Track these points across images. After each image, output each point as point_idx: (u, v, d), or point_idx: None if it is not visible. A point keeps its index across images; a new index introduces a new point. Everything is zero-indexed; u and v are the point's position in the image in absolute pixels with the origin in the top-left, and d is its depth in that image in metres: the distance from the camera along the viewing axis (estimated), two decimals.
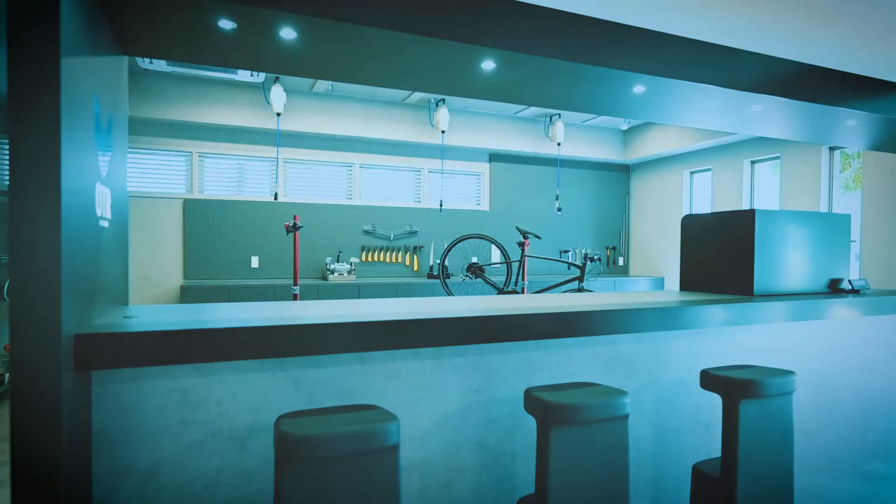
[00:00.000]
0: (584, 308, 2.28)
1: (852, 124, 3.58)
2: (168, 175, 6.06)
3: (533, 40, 2.45)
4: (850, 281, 3.13)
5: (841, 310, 2.89)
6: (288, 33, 2.12)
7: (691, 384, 2.68)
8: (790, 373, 2.27)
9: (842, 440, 3.16)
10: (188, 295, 5.38)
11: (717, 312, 2.52)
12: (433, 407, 2.16)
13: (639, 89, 2.92)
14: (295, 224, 4.56)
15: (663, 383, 2.62)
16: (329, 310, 2.22)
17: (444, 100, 6.43)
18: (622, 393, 1.96)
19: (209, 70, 5.26)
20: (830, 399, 3.11)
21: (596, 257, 4.98)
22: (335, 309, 2.25)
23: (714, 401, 2.72)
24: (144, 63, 4.98)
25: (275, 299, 5.69)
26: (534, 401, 1.93)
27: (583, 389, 2.03)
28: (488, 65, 2.57)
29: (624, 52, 2.65)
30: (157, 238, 5.94)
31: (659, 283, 7.68)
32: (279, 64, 2.47)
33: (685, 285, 3.34)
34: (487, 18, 2.33)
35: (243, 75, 5.35)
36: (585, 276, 4.87)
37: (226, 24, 2.05)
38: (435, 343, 1.97)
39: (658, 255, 7.87)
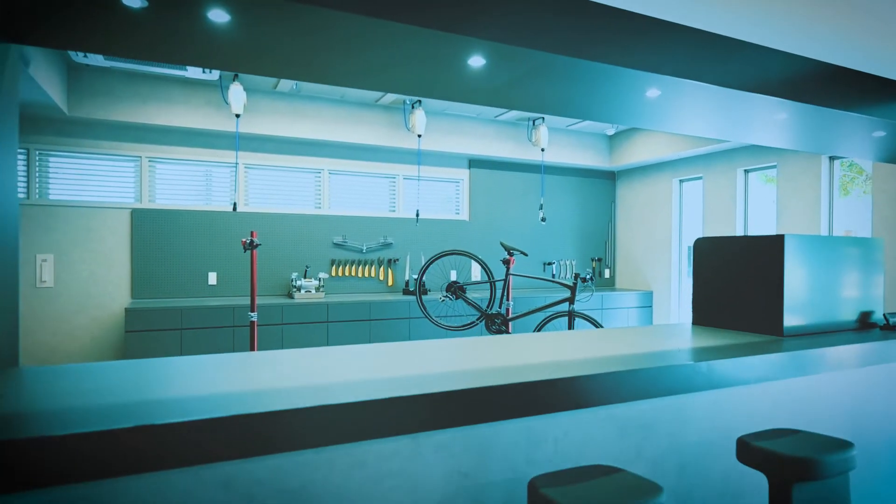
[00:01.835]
0: (598, 371, 1.82)
1: (880, 135, 3.21)
2: (114, 182, 5.44)
3: (531, 32, 1.99)
4: (885, 315, 2.74)
5: (887, 351, 2.49)
6: (218, 15, 1.61)
7: (718, 446, 2.25)
8: (848, 445, 1.85)
9: None
10: (133, 320, 4.78)
11: (757, 367, 2.09)
12: (409, 500, 1.68)
13: (653, 93, 2.48)
14: (252, 241, 4.02)
15: (686, 446, 2.18)
16: (276, 375, 1.72)
17: (419, 101, 5.94)
18: (656, 489, 1.51)
19: (157, 65, 4.67)
20: (871, 462, 2.72)
21: (588, 277, 4.54)
22: (283, 375, 1.75)
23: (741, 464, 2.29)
24: (78, 57, 4.37)
25: (233, 322, 5.13)
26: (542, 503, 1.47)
27: (603, 481, 1.57)
28: (477, 61, 2.09)
29: (639, 47, 2.21)
30: (101, 252, 5.32)
31: (647, 297, 7.30)
32: (214, 56, 1.95)
33: (698, 318, 2.92)
34: (476, 3, 1.86)
35: (194, 72, 4.78)
36: (576, 297, 4.43)
37: (132, 2, 1.53)
38: (413, 429, 1.49)
39: (646, 267, 7.49)
